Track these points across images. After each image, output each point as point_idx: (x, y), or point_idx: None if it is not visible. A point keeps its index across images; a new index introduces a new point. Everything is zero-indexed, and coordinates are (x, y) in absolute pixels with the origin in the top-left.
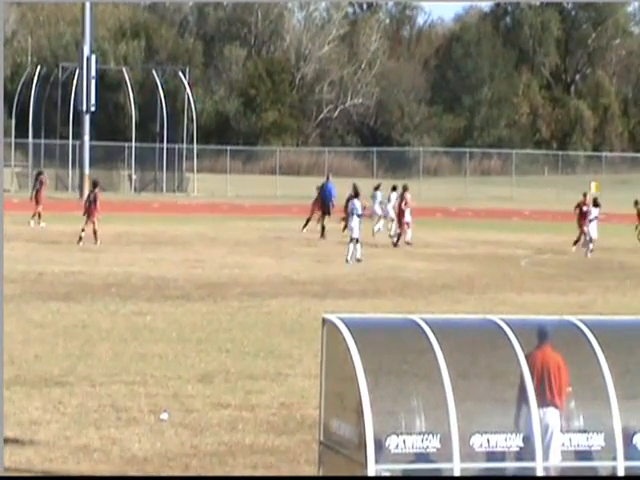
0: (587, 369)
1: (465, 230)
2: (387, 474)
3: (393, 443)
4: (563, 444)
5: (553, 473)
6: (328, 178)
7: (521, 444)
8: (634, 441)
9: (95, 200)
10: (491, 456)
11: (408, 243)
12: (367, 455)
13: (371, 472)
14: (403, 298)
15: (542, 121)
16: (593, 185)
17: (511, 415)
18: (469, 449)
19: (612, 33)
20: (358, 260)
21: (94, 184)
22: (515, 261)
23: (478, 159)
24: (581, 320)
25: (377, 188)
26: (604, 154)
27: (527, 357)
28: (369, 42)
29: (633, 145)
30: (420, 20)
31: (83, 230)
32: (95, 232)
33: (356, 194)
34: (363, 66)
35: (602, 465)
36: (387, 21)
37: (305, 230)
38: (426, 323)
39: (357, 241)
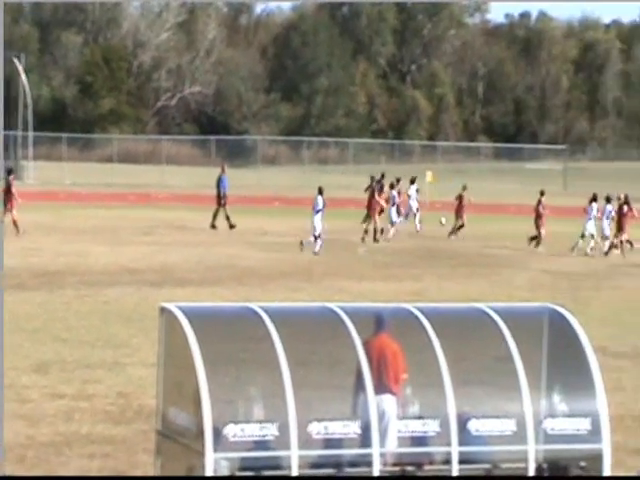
0: (423, 356)
1: (303, 218)
2: (225, 462)
3: (231, 431)
4: (399, 430)
5: (389, 459)
6: (223, 170)
7: (358, 431)
8: (468, 427)
9: (8, 188)
10: (328, 443)
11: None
12: (205, 443)
13: (209, 460)
14: (242, 286)
15: (379, 110)
16: (429, 174)
17: (349, 402)
18: (307, 436)
19: (447, 24)
20: (315, 253)
21: (8, 172)
22: (353, 249)
23: (316, 148)
24: (417, 307)
25: (413, 182)
26: (439, 143)
27: (364, 344)
28: (207, 30)
29: (467, 135)
30: (258, 8)
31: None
32: (14, 221)
33: (320, 192)
34: (201, 54)
35: (437, 450)
36: (225, 9)
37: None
38: (264, 311)
39: (319, 236)
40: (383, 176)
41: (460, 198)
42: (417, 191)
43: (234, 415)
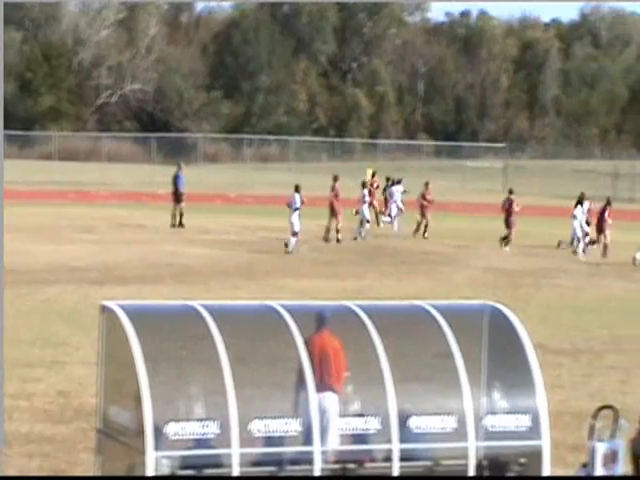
0: (364, 354)
1: (244, 216)
2: (166, 461)
3: (172, 429)
4: (340, 428)
5: (330, 457)
6: (180, 167)
7: (300, 429)
8: (409, 424)
9: None
10: (270, 441)
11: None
12: (146, 442)
13: (150, 459)
14: (183, 284)
15: (320, 108)
16: (368, 172)
17: (290, 400)
18: (248, 434)
19: (387, 23)
20: (288, 252)
21: None
22: (294, 247)
23: (257, 146)
24: (358, 305)
25: (397, 182)
26: (380, 141)
27: (306, 342)
28: (147, 27)
29: (408, 133)
30: (199, 6)
31: None
32: None
33: (297, 189)
34: (142, 52)
35: (378, 448)
36: (166, 7)
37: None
38: (205, 309)
39: (296, 234)
40: (373, 175)
41: (423, 196)
42: (403, 192)
43: (175, 413)
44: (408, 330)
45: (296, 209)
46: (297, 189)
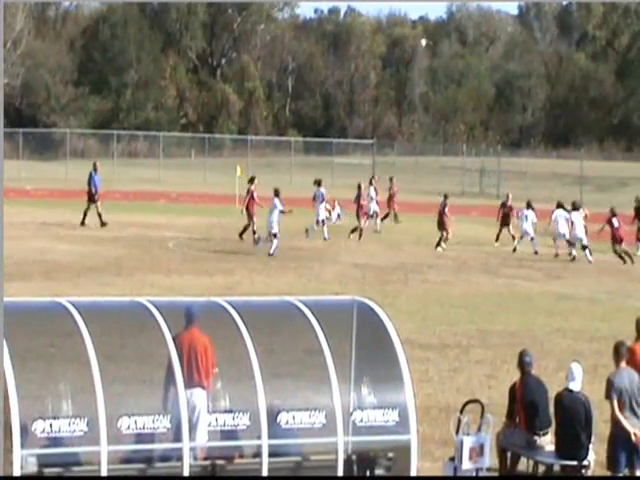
0: (234, 350)
1: (113, 212)
2: (32, 459)
3: (39, 427)
4: (210, 424)
5: (200, 453)
6: (95, 168)
7: (169, 425)
8: (278, 420)
9: None
10: (139, 438)
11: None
12: (12, 440)
13: (16, 457)
14: (50, 281)
15: (189, 104)
16: (238, 169)
17: (159, 397)
18: (117, 431)
19: (257, 18)
20: (270, 254)
21: None
22: (163, 243)
23: (125, 141)
24: (228, 301)
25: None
26: (249, 137)
27: (175, 339)
28: (14, 22)
29: (277, 129)
30: (66, 1)
31: None
32: None
33: (276, 193)
34: (8, 46)
35: (247, 444)
36: (33, 1)
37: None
38: (73, 306)
39: (275, 236)
40: (391, 179)
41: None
42: (375, 191)
43: (42, 411)
44: (277, 326)
45: (282, 212)
46: (277, 194)
